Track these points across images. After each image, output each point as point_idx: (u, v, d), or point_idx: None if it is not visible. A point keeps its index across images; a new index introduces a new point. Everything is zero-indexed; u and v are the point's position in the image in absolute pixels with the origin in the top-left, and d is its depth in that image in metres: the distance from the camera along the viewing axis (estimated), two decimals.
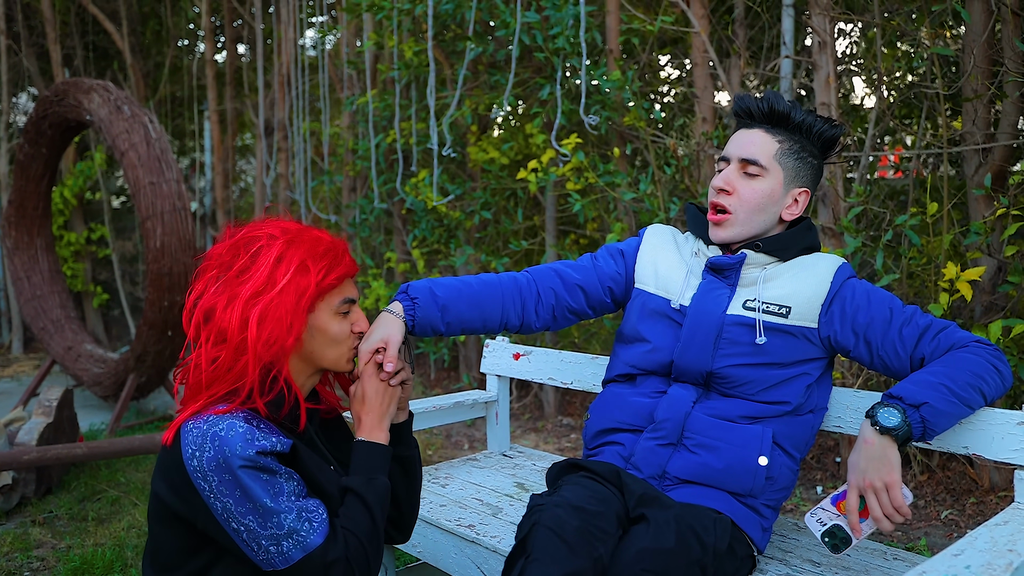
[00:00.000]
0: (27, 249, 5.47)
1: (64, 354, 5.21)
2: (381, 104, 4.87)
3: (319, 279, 1.31)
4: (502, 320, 1.66)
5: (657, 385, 1.65)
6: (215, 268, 1.31)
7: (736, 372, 1.56)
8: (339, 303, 1.36)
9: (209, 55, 7.26)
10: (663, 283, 1.69)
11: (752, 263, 1.62)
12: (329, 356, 1.37)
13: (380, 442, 1.39)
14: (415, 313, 1.55)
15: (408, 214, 5.37)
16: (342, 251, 1.36)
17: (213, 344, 1.26)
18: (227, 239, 1.33)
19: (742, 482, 1.52)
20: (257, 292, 1.27)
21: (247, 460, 1.21)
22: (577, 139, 3.64)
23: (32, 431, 3.32)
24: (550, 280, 1.72)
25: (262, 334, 1.25)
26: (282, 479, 1.24)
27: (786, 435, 1.58)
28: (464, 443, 4.28)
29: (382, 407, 1.41)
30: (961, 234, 3.03)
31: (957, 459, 3.22)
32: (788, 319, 1.56)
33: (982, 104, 2.96)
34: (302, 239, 1.32)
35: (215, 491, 1.21)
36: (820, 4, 3.11)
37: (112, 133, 4.23)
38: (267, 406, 1.29)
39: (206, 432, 1.22)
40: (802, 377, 1.57)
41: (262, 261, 1.29)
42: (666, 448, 1.57)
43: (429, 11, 4.05)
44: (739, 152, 1.62)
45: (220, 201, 7.45)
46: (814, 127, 1.62)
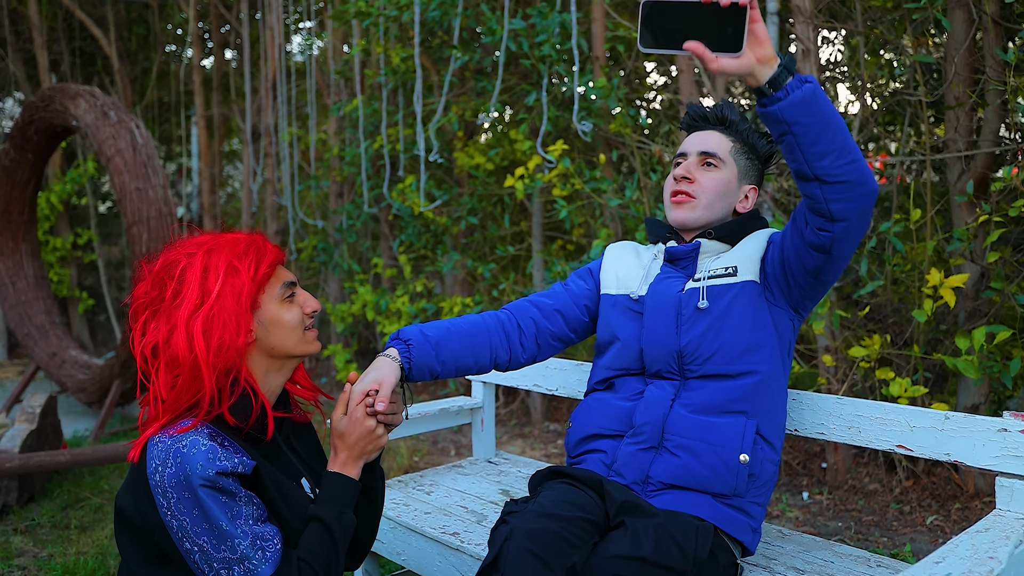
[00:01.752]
0: (12, 255, 5.44)
1: (48, 360, 5.17)
2: (368, 110, 4.86)
3: (252, 274, 1.31)
4: (492, 356, 1.69)
5: (635, 386, 1.66)
6: (147, 306, 1.31)
7: (703, 343, 1.58)
8: (280, 290, 1.36)
9: (196, 60, 7.24)
10: (623, 282, 1.74)
11: (707, 251, 1.68)
12: (290, 343, 1.37)
13: (352, 477, 1.39)
14: (411, 355, 1.56)
15: (395, 220, 5.35)
16: (263, 242, 1.36)
17: (168, 371, 1.26)
18: (146, 275, 1.33)
19: (725, 482, 1.52)
20: (195, 307, 1.26)
21: (207, 480, 1.20)
22: (563, 145, 3.65)
23: (15, 438, 3.30)
24: (527, 311, 1.76)
25: (211, 344, 1.25)
26: (241, 502, 1.24)
27: (766, 421, 1.58)
28: (451, 449, 4.27)
29: (361, 448, 1.40)
30: (945, 240, 3.05)
31: (942, 464, 3.23)
32: (736, 277, 1.61)
33: (964, 112, 2.98)
34: (220, 244, 1.32)
35: (173, 508, 1.20)
36: (804, 12, 3.13)
37: (98, 139, 4.22)
38: (235, 412, 1.29)
39: (170, 447, 1.21)
40: (767, 344, 1.59)
41: (190, 278, 1.28)
42: (647, 452, 1.57)
43: (416, 18, 4.04)
44: (698, 147, 1.70)
45: (207, 206, 7.41)
46: (753, 140, 1.72)
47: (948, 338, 3.18)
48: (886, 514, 3.08)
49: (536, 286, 4.30)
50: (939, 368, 3.38)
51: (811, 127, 1.30)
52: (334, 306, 5.33)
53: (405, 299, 4.61)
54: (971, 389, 3.04)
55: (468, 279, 4.84)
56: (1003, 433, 1.49)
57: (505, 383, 2.39)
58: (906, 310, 3.36)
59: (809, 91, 1.27)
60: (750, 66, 1.24)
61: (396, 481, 2.29)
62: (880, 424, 1.67)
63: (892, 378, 2.74)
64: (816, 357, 3.35)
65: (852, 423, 1.71)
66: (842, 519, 3.07)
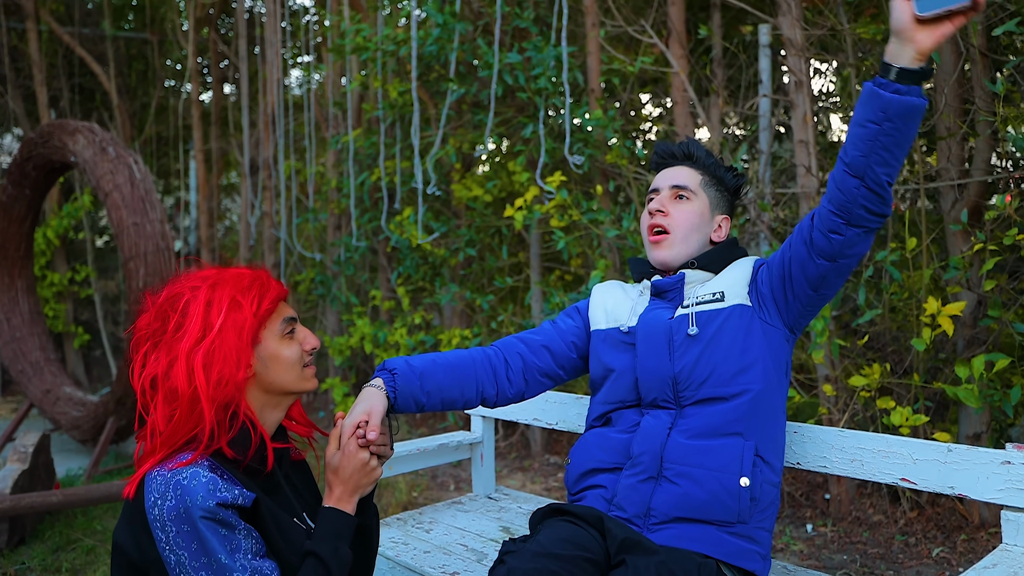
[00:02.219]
0: (7, 291, 5.41)
1: (42, 397, 5.12)
2: (366, 143, 4.89)
3: (254, 310, 1.31)
4: (478, 390, 1.70)
5: (632, 418, 1.66)
6: (148, 338, 1.31)
7: (696, 368, 1.58)
8: (281, 326, 1.37)
9: (195, 95, 7.30)
10: (612, 316, 1.76)
11: (692, 281, 1.70)
12: (288, 379, 1.37)
13: (347, 512, 1.39)
14: (396, 384, 1.57)
15: (393, 252, 5.36)
16: (267, 278, 1.37)
17: (166, 403, 1.26)
18: (149, 306, 1.34)
19: (727, 507, 1.51)
20: (197, 341, 1.27)
21: (207, 512, 1.19)
22: (561, 177, 3.67)
23: (6, 478, 3.23)
24: (515, 347, 1.77)
25: (211, 377, 1.25)
26: (240, 535, 1.23)
27: (765, 442, 1.57)
28: (450, 483, 4.23)
29: (355, 482, 1.40)
30: (941, 269, 3.06)
31: (947, 495, 3.20)
32: (724, 302, 1.62)
33: (955, 141, 3.01)
34: (224, 279, 1.33)
35: (171, 542, 1.20)
36: (795, 45, 3.17)
37: (97, 174, 4.22)
38: (234, 445, 1.28)
39: (169, 480, 1.21)
40: (758, 363, 1.59)
41: (193, 312, 1.29)
42: (647, 483, 1.56)
43: (413, 52, 4.09)
44: (669, 181, 1.76)
45: (205, 240, 7.42)
46: (720, 173, 1.79)
47: (948, 366, 3.17)
48: (891, 546, 3.04)
49: (534, 317, 4.30)
50: (940, 397, 3.36)
51: (898, 134, 1.33)
52: (332, 339, 5.31)
53: (403, 331, 4.60)
54: (972, 418, 3.02)
55: (466, 311, 4.83)
56: (1007, 466, 1.48)
57: (505, 417, 2.38)
58: (905, 338, 3.36)
59: (921, 105, 1.31)
60: (908, 39, 1.27)
61: (395, 519, 2.26)
62: (883, 457, 1.66)
63: (893, 407, 2.73)
64: (816, 387, 3.34)
65: (855, 456, 1.70)
66: (847, 552, 3.04)
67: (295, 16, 7.31)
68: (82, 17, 7.78)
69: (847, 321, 3.60)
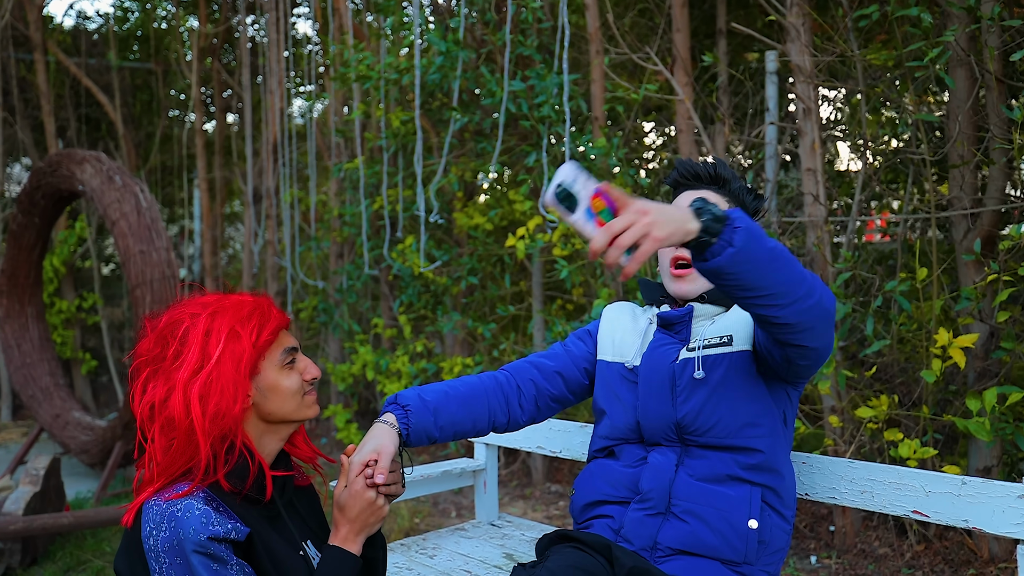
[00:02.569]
0: (18, 317, 5.48)
1: (52, 422, 5.18)
2: (368, 171, 4.90)
3: (253, 340, 1.29)
4: (490, 419, 1.65)
5: (637, 453, 1.62)
6: (148, 364, 1.29)
7: (700, 415, 1.54)
8: (281, 356, 1.34)
9: (199, 125, 7.35)
10: (619, 349, 1.70)
11: (700, 315, 1.64)
12: (287, 408, 1.34)
13: (352, 552, 1.35)
14: (409, 421, 1.52)
15: (395, 280, 5.34)
16: (268, 307, 1.35)
17: (163, 434, 1.24)
18: (149, 332, 1.32)
19: (735, 548, 1.47)
20: (194, 371, 1.25)
21: (199, 545, 1.17)
22: None
23: (19, 500, 3.31)
24: (528, 372, 1.72)
25: (207, 410, 1.23)
26: (232, 570, 1.20)
27: (773, 489, 1.53)
28: (452, 510, 4.18)
29: (363, 522, 1.37)
30: (952, 299, 3.01)
31: (955, 529, 3.13)
32: (732, 346, 1.56)
33: (969, 170, 2.97)
34: (225, 307, 1.31)
35: (164, 573, 1.18)
36: (804, 72, 3.15)
37: (104, 203, 4.28)
38: (231, 478, 1.26)
39: (164, 511, 1.20)
40: (767, 415, 1.54)
41: (192, 340, 1.27)
42: (655, 518, 1.53)
43: (416, 81, 4.10)
44: None
45: (209, 268, 7.43)
46: (744, 197, 1.69)
47: (958, 399, 3.11)
48: None
49: (536, 346, 4.25)
50: (949, 429, 3.30)
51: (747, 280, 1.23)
52: (334, 366, 5.28)
53: (405, 359, 4.56)
54: (983, 451, 2.96)
55: (468, 339, 4.79)
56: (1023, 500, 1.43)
57: (508, 444, 2.36)
58: (913, 370, 3.30)
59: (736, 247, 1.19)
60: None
61: (399, 544, 2.25)
62: (894, 489, 1.62)
63: (901, 439, 2.67)
64: (822, 418, 3.28)
65: (865, 487, 1.67)
66: None
67: (298, 45, 7.38)
68: (88, 48, 7.88)
69: (854, 352, 3.55)
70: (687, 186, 1.70)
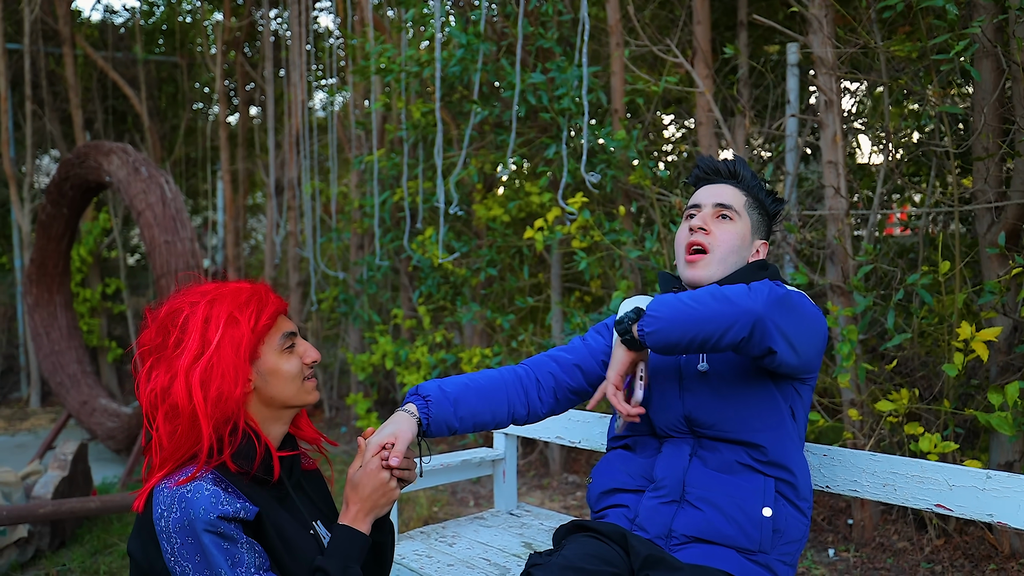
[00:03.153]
0: (47, 306, 5.58)
1: (79, 408, 5.27)
2: (388, 163, 4.92)
3: (252, 325, 1.32)
4: (510, 411, 1.68)
5: (652, 444, 1.65)
6: (151, 353, 1.32)
7: (707, 407, 1.55)
8: (280, 341, 1.37)
9: (222, 117, 7.42)
10: None
11: None
12: (288, 392, 1.37)
13: (362, 531, 1.37)
14: (429, 411, 1.55)
15: (414, 271, 5.37)
16: (265, 293, 1.38)
17: (168, 420, 1.27)
18: (151, 322, 1.35)
19: (749, 536, 1.48)
20: (195, 357, 1.28)
21: (210, 524, 1.20)
22: (583, 197, 3.65)
23: (48, 484, 3.38)
24: (546, 365, 1.75)
25: (209, 395, 1.26)
26: (242, 549, 1.23)
27: (786, 483, 1.54)
28: (470, 499, 4.22)
29: (373, 501, 1.39)
30: (975, 293, 2.98)
31: (975, 524, 3.11)
32: None
33: (993, 162, 2.94)
34: (223, 294, 1.34)
35: (176, 554, 1.21)
36: (826, 63, 3.13)
37: (130, 193, 4.34)
38: (237, 459, 1.29)
39: (174, 493, 1.23)
40: (773, 406, 1.55)
41: (191, 328, 1.30)
42: (669, 506, 1.54)
43: (437, 74, 4.11)
44: (713, 199, 1.69)
45: (231, 258, 7.51)
46: (764, 197, 1.73)
47: (979, 393, 3.08)
48: (916, 574, 2.96)
49: (555, 337, 4.27)
50: (969, 424, 3.27)
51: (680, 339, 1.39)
52: (354, 356, 5.32)
53: (424, 349, 4.59)
54: (1004, 446, 2.93)
55: (487, 330, 4.81)
56: None
57: (527, 435, 2.38)
58: (934, 364, 3.28)
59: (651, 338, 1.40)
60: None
61: (418, 532, 2.28)
62: (917, 482, 1.61)
63: (921, 433, 2.65)
64: (841, 411, 3.27)
65: (887, 480, 1.66)
66: None
67: (319, 39, 7.42)
68: (115, 42, 7.98)
69: (874, 345, 3.53)
70: (707, 181, 1.74)
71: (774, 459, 1.52)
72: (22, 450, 5.51)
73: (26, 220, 7.04)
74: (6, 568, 3.16)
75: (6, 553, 3.17)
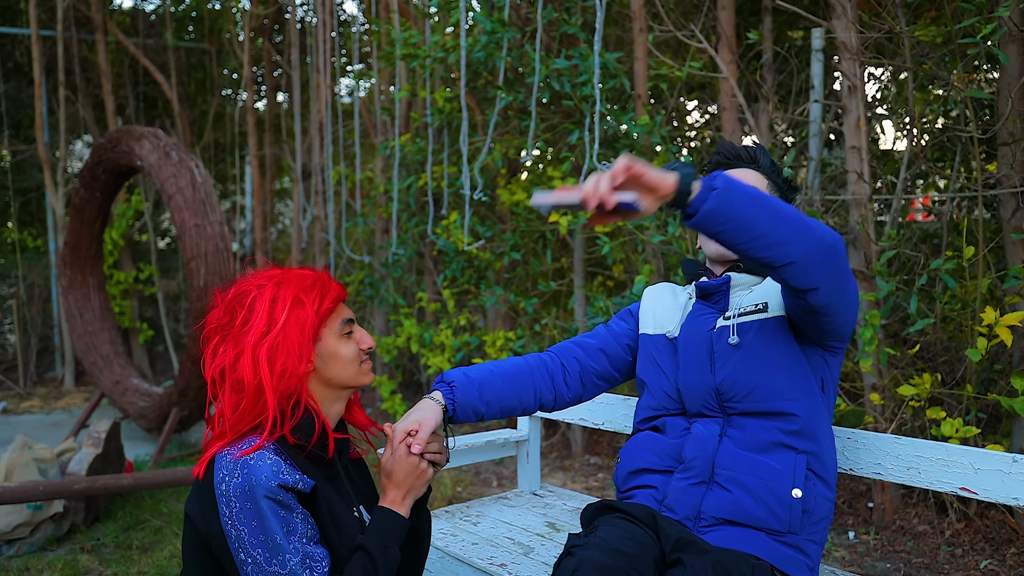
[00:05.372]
0: (80, 288, 5.68)
1: (112, 388, 5.38)
2: (414, 148, 4.98)
3: (316, 308, 1.38)
4: (536, 396, 1.71)
5: (680, 424, 1.65)
6: (218, 331, 1.39)
7: (737, 380, 1.57)
8: (340, 326, 1.43)
9: (250, 103, 7.51)
10: (660, 321, 1.76)
11: (738, 284, 1.67)
12: (346, 375, 1.43)
13: (401, 513, 1.43)
14: (454, 396, 1.60)
15: (439, 255, 5.43)
16: (328, 279, 1.44)
17: (234, 392, 1.34)
18: (219, 303, 1.41)
19: (779, 517, 1.49)
20: (262, 335, 1.34)
21: (270, 491, 1.26)
22: None
23: (82, 461, 3.46)
24: (571, 351, 1.78)
25: (275, 369, 1.32)
26: (297, 519, 1.29)
27: (816, 455, 1.55)
28: (492, 480, 4.28)
29: (409, 485, 1.45)
30: (999, 279, 2.98)
31: (996, 507, 3.12)
32: (768, 312, 1.59)
33: (1020, 147, 2.93)
34: (289, 278, 1.40)
35: (234, 517, 1.26)
36: (850, 49, 3.13)
37: (161, 177, 4.40)
38: (297, 432, 1.35)
39: (238, 460, 1.28)
40: (801, 380, 1.56)
41: (259, 308, 1.36)
42: (699, 487, 1.55)
43: (462, 60, 4.15)
44: None
45: (259, 242, 7.62)
46: (781, 186, 1.74)
47: (1002, 378, 3.08)
48: (937, 556, 2.98)
49: (577, 321, 4.31)
50: (992, 409, 3.27)
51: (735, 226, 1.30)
52: (380, 339, 5.40)
53: (448, 333, 4.65)
54: None
55: (510, 314, 4.87)
56: None
57: (550, 416, 2.41)
58: (957, 349, 3.28)
59: (715, 201, 1.28)
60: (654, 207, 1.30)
61: (443, 511, 2.32)
62: (942, 465, 1.62)
63: (943, 418, 2.67)
64: (862, 395, 3.28)
65: (911, 463, 1.67)
66: (890, 560, 2.98)
67: (345, 26, 7.47)
68: (146, 28, 8.08)
69: (896, 330, 3.53)
70: (728, 166, 1.75)
71: (806, 429, 1.53)
72: (57, 428, 5.64)
73: (60, 204, 7.19)
74: (42, 542, 3.25)
75: (42, 527, 3.26)
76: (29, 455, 3.43)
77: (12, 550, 3.17)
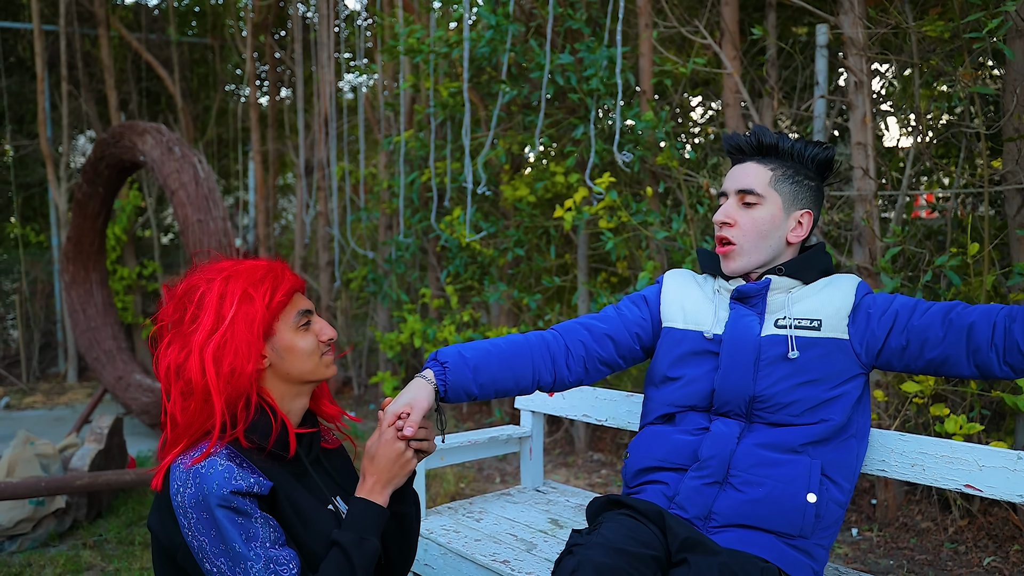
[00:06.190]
0: (83, 283, 5.67)
1: (115, 383, 5.37)
2: (417, 143, 4.97)
3: (267, 302, 1.33)
4: (534, 378, 1.65)
5: (698, 421, 1.62)
6: (169, 329, 1.34)
7: (779, 393, 1.54)
8: (295, 318, 1.38)
9: (253, 99, 7.50)
10: (692, 317, 1.69)
11: (777, 287, 1.63)
12: (305, 368, 1.38)
13: (378, 503, 1.37)
14: (446, 377, 1.54)
15: (442, 251, 5.42)
16: (281, 270, 1.38)
17: (182, 396, 1.28)
18: (169, 298, 1.36)
19: (791, 521, 1.48)
20: (209, 333, 1.29)
21: (223, 499, 1.21)
22: (610, 178, 3.67)
23: (84, 457, 3.46)
24: (578, 333, 1.71)
25: (221, 370, 1.27)
26: (257, 523, 1.24)
27: (834, 463, 1.54)
28: (496, 476, 4.28)
29: (390, 473, 1.39)
30: (1003, 275, 2.97)
31: (999, 504, 3.11)
32: (821, 331, 1.56)
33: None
34: (239, 272, 1.35)
35: (193, 528, 1.23)
36: (856, 44, 3.12)
37: (164, 173, 4.38)
38: (251, 434, 1.30)
39: (190, 469, 1.24)
40: (843, 397, 1.55)
41: (207, 304, 1.31)
42: (712, 487, 1.53)
43: (465, 54, 4.14)
44: (735, 185, 1.66)
45: (262, 238, 7.62)
46: (805, 152, 1.66)
47: None
48: (940, 553, 2.97)
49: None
50: (996, 406, 3.27)
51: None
52: (383, 334, 5.41)
53: (452, 328, 4.65)
54: None
55: (514, 309, 4.87)
56: None
57: (554, 412, 2.39)
58: None
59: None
60: None
61: (446, 507, 2.31)
62: (946, 462, 1.61)
63: (947, 415, 2.67)
64: None
65: (916, 460, 1.66)
66: (894, 557, 2.98)
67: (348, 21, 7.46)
68: (149, 23, 8.08)
69: None
70: (735, 159, 1.72)
71: (830, 438, 1.53)
72: (60, 423, 5.64)
73: (63, 199, 7.19)
74: (45, 537, 3.24)
75: (45, 523, 3.25)
76: (31, 451, 3.42)
77: (14, 546, 3.17)
